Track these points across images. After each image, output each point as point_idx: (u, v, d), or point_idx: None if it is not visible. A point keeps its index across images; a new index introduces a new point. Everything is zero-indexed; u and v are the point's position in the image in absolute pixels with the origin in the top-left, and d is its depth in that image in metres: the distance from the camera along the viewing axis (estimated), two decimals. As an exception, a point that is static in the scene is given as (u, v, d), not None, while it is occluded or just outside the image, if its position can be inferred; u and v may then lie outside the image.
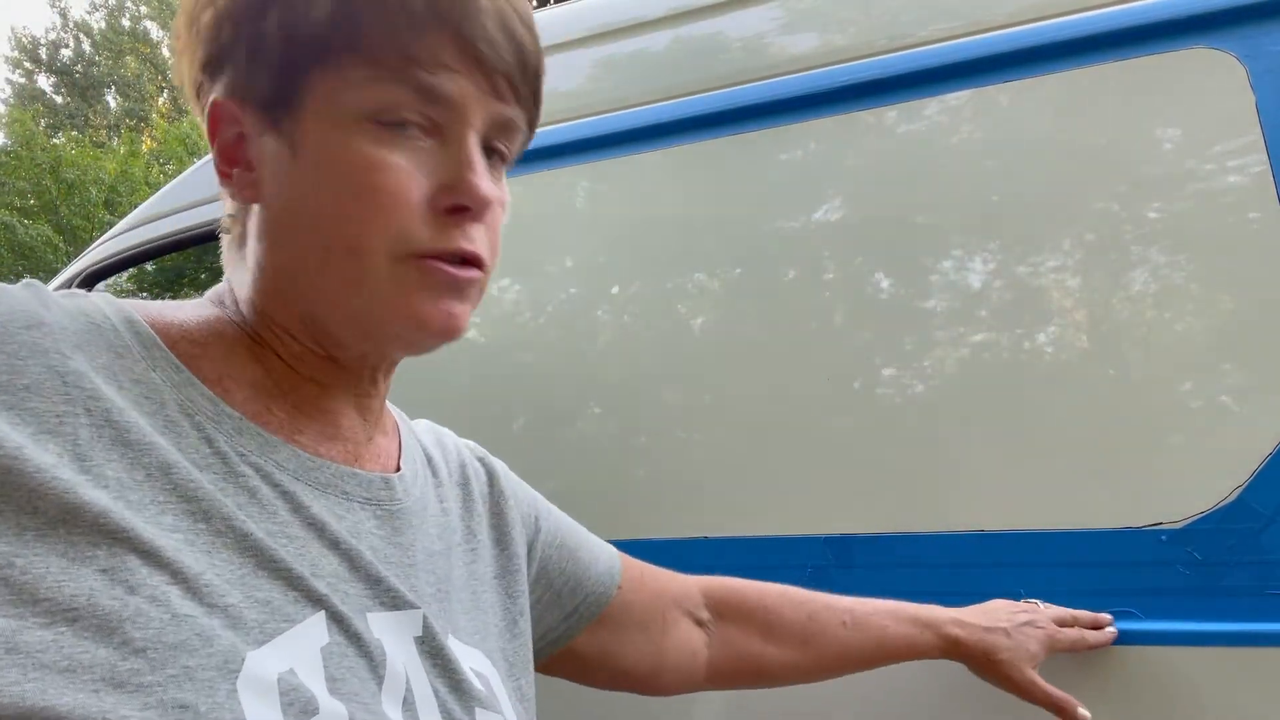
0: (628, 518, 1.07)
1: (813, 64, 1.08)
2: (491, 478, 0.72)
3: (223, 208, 0.56)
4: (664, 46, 1.20)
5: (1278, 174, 0.85)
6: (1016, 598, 0.88)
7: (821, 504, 0.98)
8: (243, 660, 0.40)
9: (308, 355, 0.53)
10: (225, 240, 0.57)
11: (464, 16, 0.49)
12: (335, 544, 0.50)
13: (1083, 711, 0.80)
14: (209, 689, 0.38)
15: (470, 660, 0.56)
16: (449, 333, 0.51)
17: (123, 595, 0.38)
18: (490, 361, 1.22)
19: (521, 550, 0.70)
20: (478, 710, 0.54)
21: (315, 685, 0.43)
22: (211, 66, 0.52)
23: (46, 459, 0.39)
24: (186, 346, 0.50)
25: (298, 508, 0.49)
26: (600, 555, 0.79)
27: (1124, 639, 0.83)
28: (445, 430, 0.73)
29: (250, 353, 0.52)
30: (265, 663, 0.41)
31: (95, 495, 0.40)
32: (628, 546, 1.07)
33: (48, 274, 12.78)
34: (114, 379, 0.44)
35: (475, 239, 0.51)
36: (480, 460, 0.73)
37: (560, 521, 0.77)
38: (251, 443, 0.48)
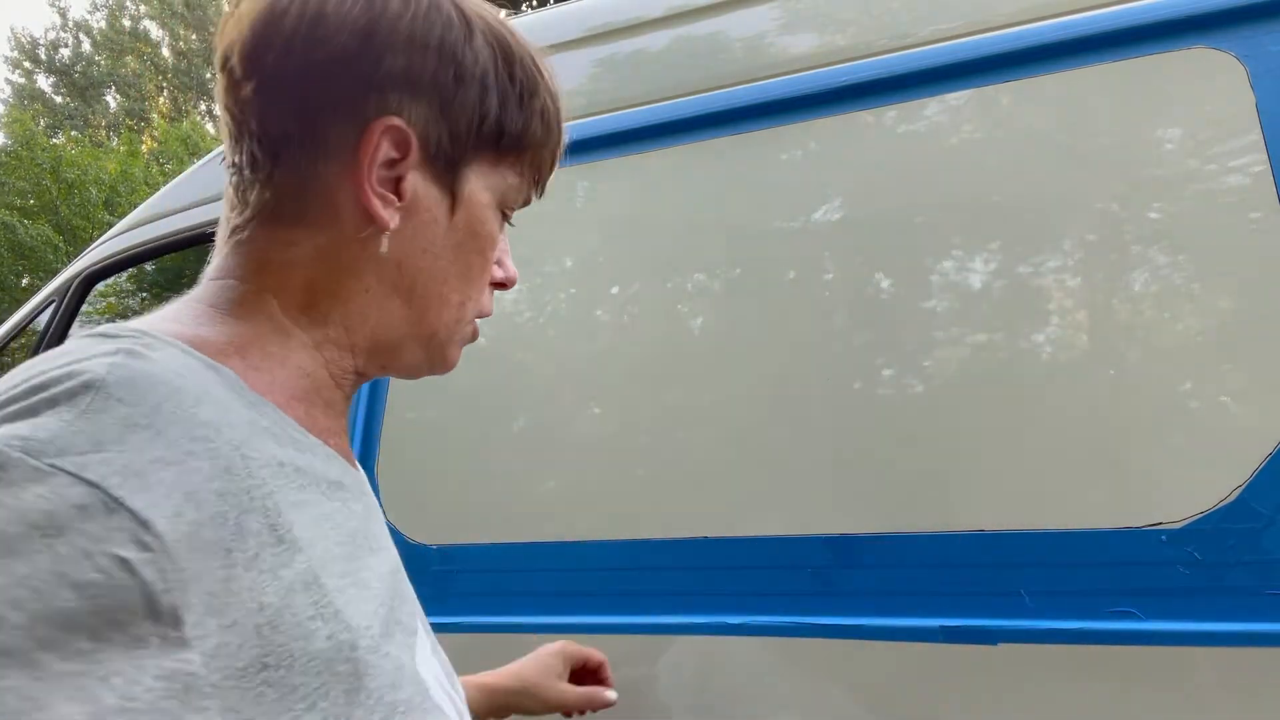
0: (628, 518, 1.07)
1: (813, 64, 1.08)
2: None
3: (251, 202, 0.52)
4: (664, 46, 1.20)
5: (1278, 174, 0.85)
6: (1017, 598, 0.88)
7: (821, 504, 0.98)
8: (422, 680, 0.48)
9: (349, 367, 0.55)
10: (267, 241, 0.52)
11: (558, 155, 0.60)
12: (374, 550, 0.52)
13: (609, 694, 0.95)
14: (422, 713, 0.46)
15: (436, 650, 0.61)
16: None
17: (349, 654, 0.42)
18: (490, 361, 1.22)
19: None
20: (455, 676, 0.60)
21: (439, 686, 0.51)
22: (407, 85, 0.51)
23: (250, 547, 0.39)
24: (254, 377, 0.47)
25: (368, 521, 0.52)
26: None
27: (1124, 639, 0.83)
28: None
29: (293, 362, 0.51)
30: (426, 676, 0.49)
31: (297, 567, 0.41)
32: (628, 546, 1.07)
33: (48, 274, 12.79)
34: (258, 434, 0.43)
35: None
36: None
37: None
38: (336, 466, 0.50)
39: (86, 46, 23.37)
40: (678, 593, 1.02)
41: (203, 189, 1.63)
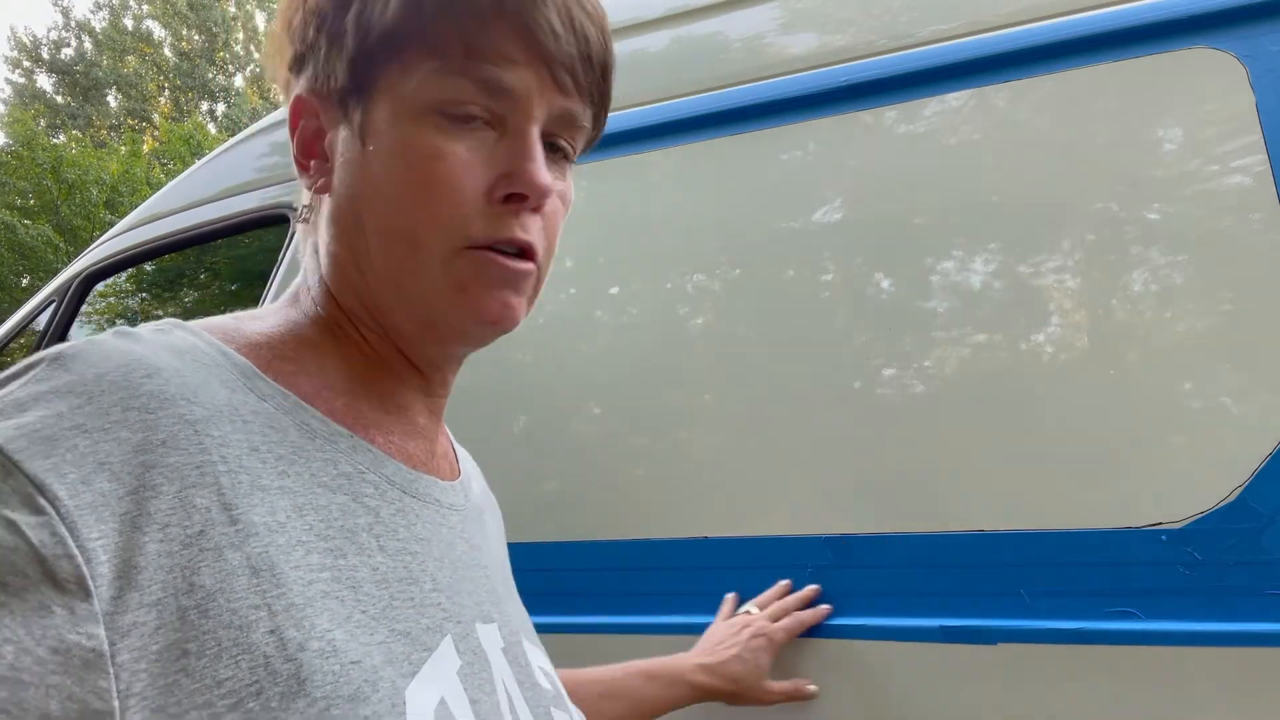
0: (628, 518, 1.07)
1: (813, 64, 1.08)
2: (484, 489, 0.73)
3: (300, 200, 0.57)
4: (664, 46, 1.20)
5: (1278, 174, 0.84)
6: (1016, 598, 0.88)
7: (821, 504, 0.98)
8: (405, 700, 0.41)
9: (382, 344, 0.53)
10: (301, 232, 0.58)
11: (528, 8, 0.49)
12: (441, 558, 0.50)
13: (810, 687, 0.93)
14: None
15: (536, 659, 0.57)
16: (504, 323, 0.52)
17: (295, 654, 0.37)
18: (490, 361, 1.22)
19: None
20: (553, 710, 0.55)
21: (463, 713, 0.44)
22: (298, 64, 0.54)
23: (194, 524, 0.37)
24: (280, 366, 0.48)
25: (411, 523, 0.49)
26: None
27: (1124, 639, 0.83)
28: None
29: (336, 352, 0.52)
30: (421, 698, 0.42)
31: (249, 550, 0.38)
32: (628, 546, 1.07)
33: (47, 274, 12.79)
34: (235, 418, 0.42)
35: (530, 229, 0.52)
36: (477, 468, 0.73)
37: None
38: (365, 459, 0.48)
39: (89, 46, 23.38)
40: (678, 593, 1.02)
41: (203, 189, 1.63)
